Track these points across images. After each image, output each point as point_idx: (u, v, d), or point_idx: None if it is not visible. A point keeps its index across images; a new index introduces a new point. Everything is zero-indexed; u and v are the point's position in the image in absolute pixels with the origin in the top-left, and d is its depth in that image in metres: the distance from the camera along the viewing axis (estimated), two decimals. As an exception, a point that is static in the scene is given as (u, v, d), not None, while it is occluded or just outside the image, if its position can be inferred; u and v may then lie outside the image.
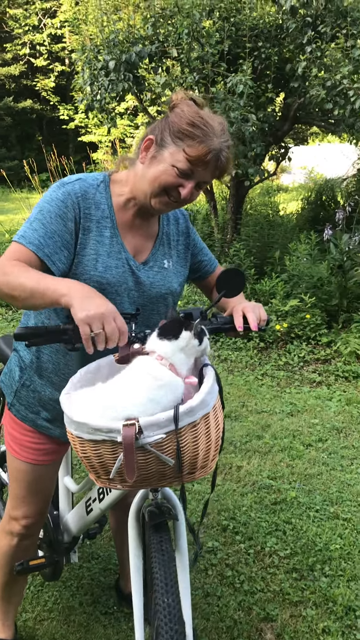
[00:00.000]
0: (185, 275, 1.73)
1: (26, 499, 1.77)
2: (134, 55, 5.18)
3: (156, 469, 1.30)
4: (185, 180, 1.48)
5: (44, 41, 18.86)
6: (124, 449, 1.22)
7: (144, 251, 1.64)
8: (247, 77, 4.72)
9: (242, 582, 2.30)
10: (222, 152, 1.46)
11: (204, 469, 1.38)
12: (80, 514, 1.90)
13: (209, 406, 1.32)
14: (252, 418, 3.70)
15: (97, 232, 1.55)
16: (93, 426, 1.27)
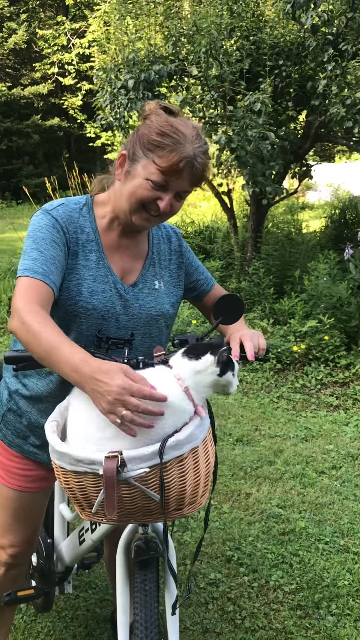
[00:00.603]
0: (178, 296, 1.66)
1: (12, 527, 1.70)
2: (153, 74, 5.19)
3: (141, 504, 1.24)
4: (161, 192, 1.42)
5: (72, 60, 19.18)
6: (105, 482, 1.17)
7: (133, 272, 1.58)
8: (265, 95, 4.68)
9: (244, 618, 2.20)
10: (197, 159, 1.40)
11: (193, 505, 1.31)
12: (74, 543, 1.84)
13: (198, 439, 1.27)
14: (264, 442, 3.60)
15: (83, 256, 1.51)
16: (74, 457, 1.22)
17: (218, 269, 6.57)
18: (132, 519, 1.29)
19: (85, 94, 19.62)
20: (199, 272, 1.74)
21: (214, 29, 4.81)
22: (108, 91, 5.63)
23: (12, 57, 19.40)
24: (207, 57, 4.80)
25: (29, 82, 19.35)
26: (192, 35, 5.23)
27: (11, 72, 19.55)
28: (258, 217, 6.49)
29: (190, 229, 8.52)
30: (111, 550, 1.98)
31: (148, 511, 1.26)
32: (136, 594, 1.40)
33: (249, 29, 5.39)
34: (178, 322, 5.34)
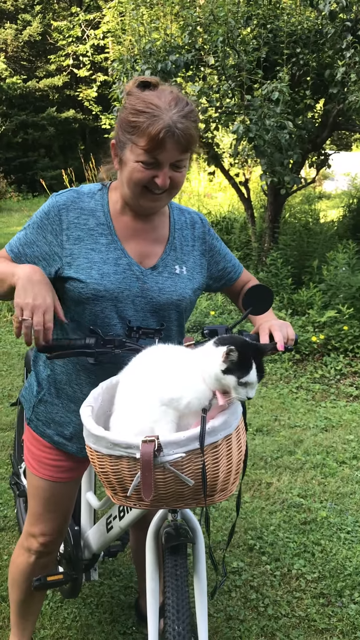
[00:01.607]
0: (200, 283, 1.66)
1: (43, 516, 1.74)
2: (169, 64, 5.17)
3: (174, 489, 1.27)
4: (155, 170, 1.42)
5: (87, 52, 19.13)
6: (142, 466, 1.20)
7: (152, 256, 1.59)
8: (282, 84, 4.64)
9: (267, 606, 2.22)
10: (177, 125, 1.37)
11: (224, 492, 1.34)
12: (101, 531, 1.86)
13: (232, 427, 1.29)
14: (284, 433, 3.60)
15: (90, 240, 1.52)
16: (112, 441, 1.25)
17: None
18: (164, 504, 1.31)
19: (100, 86, 19.57)
20: (227, 259, 1.74)
21: (231, 17, 4.77)
22: (125, 82, 5.62)
23: (27, 49, 19.39)
24: (224, 46, 4.76)
25: (44, 75, 19.32)
26: (209, 24, 5.20)
27: (26, 64, 19.55)
28: (275, 207, 6.45)
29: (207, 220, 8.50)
30: (138, 538, 2.00)
31: (180, 496, 1.28)
32: (167, 579, 1.41)
33: (265, 16, 5.34)
34: (196, 313, 5.34)
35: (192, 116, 1.42)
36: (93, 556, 1.99)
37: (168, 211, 1.64)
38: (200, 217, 1.71)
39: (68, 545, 1.99)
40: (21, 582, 1.84)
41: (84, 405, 1.37)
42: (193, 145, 1.43)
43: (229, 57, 4.83)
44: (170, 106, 1.38)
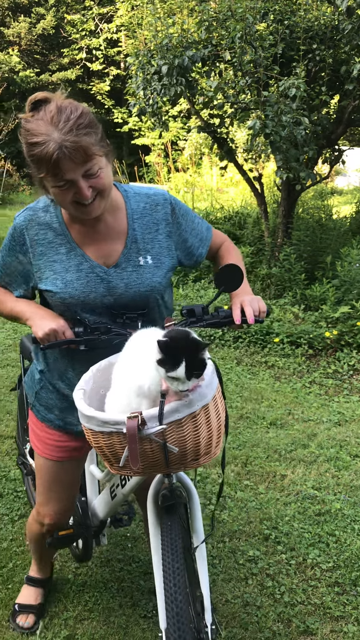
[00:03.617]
0: (170, 265, 1.69)
1: (51, 496, 1.87)
2: (186, 59, 5.19)
3: (162, 457, 1.39)
4: (72, 187, 1.46)
5: (100, 46, 19.15)
6: (128, 439, 1.32)
7: (113, 254, 1.63)
8: (299, 80, 4.66)
9: (283, 594, 2.27)
10: (65, 145, 1.38)
11: (208, 455, 1.46)
12: (106, 499, 2.01)
13: (208, 397, 1.39)
14: (298, 426, 3.65)
15: (51, 252, 1.61)
16: (101, 419, 1.38)
17: (248, 254, 6.59)
18: (155, 470, 1.45)
19: (112, 79, 19.59)
20: (194, 234, 1.74)
21: (249, 13, 4.79)
22: (141, 77, 5.65)
23: (40, 42, 19.43)
24: (241, 42, 4.78)
25: (57, 68, 19.36)
26: (225, 20, 5.22)
27: (39, 57, 19.59)
28: (289, 202, 6.47)
29: (219, 215, 8.53)
30: (143, 504, 2.10)
31: (171, 463, 1.40)
32: (163, 536, 1.53)
33: (282, 12, 5.34)
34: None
35: (80, 123, 1.41)
36: (101, 523, 2.14)
37: (123, 204, 1.66)
38: (163, 197, 1.70)
39: (77, 514, 2.12)
40: (36, 542, 2.06)
41: (76, 389, 1.50)
42: (91, 151, 1.43)
43: (246, 53, 4.85)
44: (55, 124, 1.40)
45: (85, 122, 1.42)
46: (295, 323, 5.10)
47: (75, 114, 1.41)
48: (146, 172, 14.26)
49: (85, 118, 1.43)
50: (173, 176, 12.93)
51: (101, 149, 1.47)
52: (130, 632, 2.08)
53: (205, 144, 13.51)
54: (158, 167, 13.59)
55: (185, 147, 14.87)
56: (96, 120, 1.48)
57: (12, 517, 2.71)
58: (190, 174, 14.46)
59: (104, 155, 1.49)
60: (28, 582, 2.19)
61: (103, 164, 1.48)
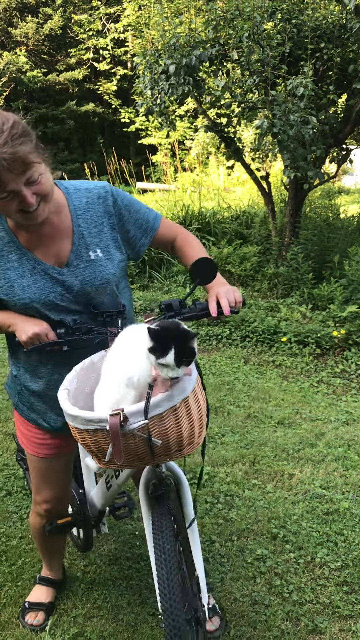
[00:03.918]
0: (120, 256, 1.72)
1: (42, 486, 1.94)
2: (194, 59, 5.20)
3: (147, 450, 1.43)
4: (15, 197, 1.47)
5: (107, 45, 19.17)
6: (111, 435, 1.36)
7: (63, 253, 1.65)
8: (307, 79, 4.66)
9: (291, 592, 2.27)
10: (3, 155, 1.39)
11: (192, 445, 1.51)
12: (102, 490, 2.07)
13: (187, 390, 1.44)
14: (305, 426, 3.65)
15: (3, 260, 1.62)
16: (85, 418, 1.42)
17: (255, 254, 6.58)
18: (142, 463, 1.49)
19: (119, 79, 19.61)
20: (137, 225, 1.75)
21: (257, 12, 4.79)
22: (148, 77, 5.66)
23: (47, 43, 19.46)
24: (249, 41, 4.78)
25: (64, 68, 19.39)
26: (232, 19, 5.22)
27: (47, 58, 19.63)
28: (296, 201, 6.46)
29: (226, 214, 8.52)
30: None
31: (154, 454, 1.45)
32: (154, 523, 1.59)
33: (290, 11, 5.33)
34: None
35: (14, 134, 1.42)
36: (99, 513, 2.19)
37: (65, 201, 1.68)
38: (104, 189, 1.72)
39: (75, 505, 2.17)
40: (38, 535, 2.12)
41: (60, 389, 1.54)
42: (29, 159, 1.44)
43: (254, 52, 4.84)
44: None
45: (19, 132, 1.43)
46: (302, 322, 5.09)
47: (8, 125, 1.43)
48: (153, 172, 14.27)
49: (17, 128, 1.44)
50: (180, 176, 12.93)
51: (38, 156, 1.48)
52: (139, 629, 2.08)
53: (212, 143, 13.51)
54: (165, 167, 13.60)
55: (192, 146, 14.87)
56: (28, 128, 1.50)
57: (20, 515, 2.72)
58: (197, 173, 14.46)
59: (42, 160, 1.51)
60: (40, 582, 2.21)
61: (42, 169, 1.50)
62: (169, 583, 1.48)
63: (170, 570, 1.49)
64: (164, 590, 1.48)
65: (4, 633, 2.06)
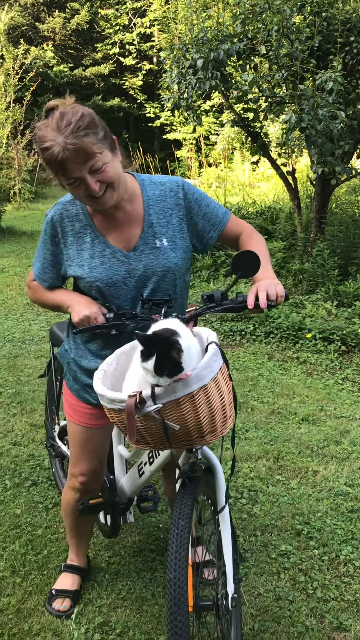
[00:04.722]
0: (185, 247, 1.82)
1: (81, 457, 2.01)
2: (222, 53, 5.17)
3: (170, 433, 1.48)
4: (82, 184, 1.61)
5: (134, 40, 19.18)
6: (126, 415, 1.44)
7: (132, 238, 1.77)
8: (336, 73, 4.60)
9: (315, 589, 2.27)
10: (67, 147, 1.55)
11: (214, 434, 1.54)
12: (134, 477, 2.11)
13: (206, 379, 1.47)
14: (330, 423, 3.62)
15: (78, 242, 1.77)
16: (109, 397, 1.50)
17: (280, 249, 6.54)
18: (166, 446, 1.55)
19: (145, 74, 19.61)
20: (206, 219, 1.84)
21: (287, 5, 4.74)
22: (175, 71, 5.65)
23: (74, 37, 19.55)
24: (278, 35, 4.74)
25: (91, 63, 19.47)
26: (261, 12, 5.18)
27: (73, 52, 19.72)
28: (323, 197, 6.40)
29: (251, 210, 8.48)
30: (172, 490, 2.19)
31: (175, 438, 1.51)
32: (174, 507, 1.64)
33: (319, 4, 5.28)
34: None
35: (80, 126, 1.56)
36: (128, 500, 2.23)
37: (140, 192, 1.81)
38: (177, 183, 1.83)
39: (105, 491, 2.20)
40: (70, 513, 2.17)
41: (98, 370, 1.63)
42: (92, 149, 1.58)
43: (283, 46, 4.80)
44: (59, 129, 1.56)
45: (84, 124, 1.57)
46: (327, 319, 5.05)
47: (75, 117, 1.57)
48: (178, 167, 14.25)
49: (84, 120, 1.58)
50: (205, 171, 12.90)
51: (102, 146, 1.61)
52: (164, 621, 2.10)
53: (237, 138, 13.44)
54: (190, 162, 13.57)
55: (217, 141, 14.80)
56: (96, 119, 1.63)
57: (46, 505, 2.76)
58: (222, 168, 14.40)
59: (108, 150, 1.64)
60: (66, 569, 2.25)
61: (107, 158, 1.63)
62: (177, 556, 1.54)
63: (180, 544, 1.55)
64: (171, 562, 1.54)
65: (30, 620, 2.09)
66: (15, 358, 4.66)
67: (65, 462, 2.80)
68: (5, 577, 2.29)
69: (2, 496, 2.81)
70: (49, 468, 3.04)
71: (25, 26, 18.37)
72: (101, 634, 2.03)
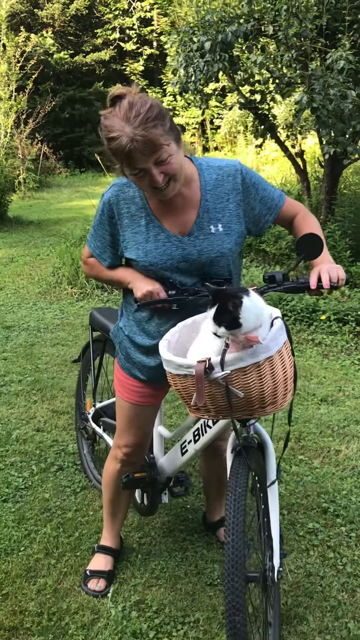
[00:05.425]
0: (240, 232, 1.82)
1: (126, 431, 2.10)
2: (230, 35, 5.13)
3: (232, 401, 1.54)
4: (147, 175, 1.61)
5: (134, 25, 19.00)
6: (196, 378, 1.50)
7: (188, 223, 1.78)
8: (348, 52, 4.56)
9: (345, 565, 2.30)
10: (136, 138, 1.55)
11: (274, 405, 1.60)
12: (176, 455, 2.16)
13: (272, 351, 1.53)
14: (349, 403, 3.64)
15: (133, 225, 1.79)
16: (177, 363, 1.58)
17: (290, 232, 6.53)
18: (224, 415, 1.60)
19: (146, 59, 19.45)
20: (263, 202, 1.84)
21: (296, -16, 4.69)
22: (182, 55, 5.61)
23: (73, 24, 19.36)
24: (288, 14, 4.69)
25: (91, 49, 19.29)
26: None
27: (73, 39, 19.53)
28: (332, 178, 6.38)
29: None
30: (209, 464, 2.37)
31: (237, 407, 1.57)
32: (231, 469, 1.70)
33: (327, -18, 5.22)
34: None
35: (149, 117, 1.56)
36: (166, 480, 2.28)
37: (197, 176, 1.80)
38: (235, 168, 1.82)
39: (147, 468, 2.27)
40: (111, 484, 2.22)
41: (162, 340, 1.70)
42: (159, 141, 1.58)
43: (292, 25, 4.76)
44: (127, 120, 1.56)
45: (153, 115, 1.56)
46: (341, 300, 5.05)
47: (144, 108, 1.56)
48: (181, 152, 14.19)
49: (153, 111, 1.57)
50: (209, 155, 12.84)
51: (169, 138, 1.61)
52: (198, 598, 2.14)
53: (241, 121, 13.36)
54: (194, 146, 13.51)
55: (222, 125, 14.72)
56: (164, 110, 1.62)
57: (74, 489, 2.79)
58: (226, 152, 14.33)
59: (174, 142, 1.64)
60: (99, 550, 2.28)
61: (173, 150, 1.63)
62: (235, 521, 1.58)
63: (237, 511, 1.58)
64: (229, 526, 1.58)
65: (67, 599, 2.13)
66: (31, 347, 4.68)
67: (95, 446, 2.89)
68: (40, 559, 2.33)
69: (30, 481, 2.85)
70: (74, 453, 3.08)
71: (24, 13, 18.20)
72: (138, 612, 2.07)
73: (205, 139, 15.58)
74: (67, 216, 10.72)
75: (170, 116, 1.65)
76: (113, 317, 2.47)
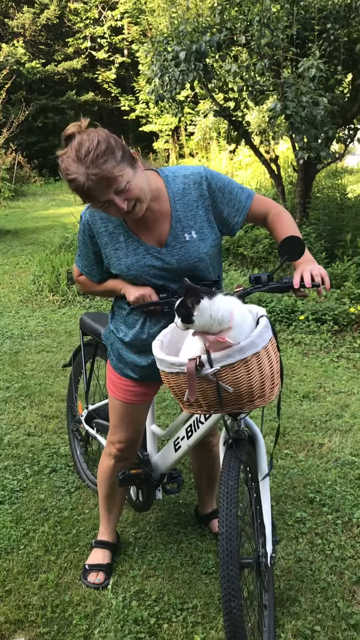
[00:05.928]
0: (213, 235, 1.90)
1: (119, 427, 2.18)
2: (203, 44, 5.26)
3: (221, 396, 1.63)
4: (111, 204, 1.71)
5: (105, 34, 19.11)
6: (187, 375, 1.60)
7: (163, 235, 1.86)
8: (319, 60, 4.73)
9: (332, 550, 2.41)
10: (89, 177, 1.63)
11: (262, 399, 1.69)
12: (169, 452, 2.26)
13: (259, 347, 1.62)
14: (330, 398, 3.78)
15: (112, 242, 1.87)
16: (170, 361, 1.67)
17: (267, 236, 6.68)
18: (217, 410, 1.69)
19: (118, 67, 19.55)
20: (230, 205, 1.90)
21: (266, -4, 4.85)
22: (157, 64, 5.72)
23: (44, 33, 19.39)
24: (260, 25, 4.84)
25: (63, 58, 19.33)
26: (240, 2, 5.27)
27: (44, 48, 19.56)
28: (306, 182, 6.54)
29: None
30: (200, 458, 2.48)
31: (227, 401, 1.65)
32: (223, 462, 1.80)
33: (296, -7, 5.39)
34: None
35: (98, 154, 1.62)
36: (160, 476, 2.37)
37: (165, 188, 1.86)
38: (200, 175, 1.88)
39: (140, 465, 2.35)
40: (105, 480, 2.30)
41: (155, 340, 1.79)
42: (113, 174, 1.65)
43: (264, 35, 4.91)
44: (80, 159, 1.63)
45: (101, 151, 1.63)
46: (319, 301, 5.20)
47: (92, 145, 1.63)
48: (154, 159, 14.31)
49: (100, 147, 1.63)
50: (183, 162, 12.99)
51: (122, 167, 1.67)
52: (195, 586, 2.23)
53: (214, 128, 13.53)
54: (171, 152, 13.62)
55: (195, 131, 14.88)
56: (112, 142, 1.67)
57: (68, 489, 2.86)
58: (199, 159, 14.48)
59: (129, 167, 1.70)
60: (97, 545, 2.36)
61: (129, 176, 1.69)
62: (228, 512, 1.68)
63: (230, 502, 1.68)
64: (222, 517, 1.67)
65: (69, 593, 2.21)
66: (16, 354, 4.73)
67: (88, 447, 2.98)
68: (40, 556, 2.40)
69: (25, 483, 2.92)
70: (66, 455, 3.15)
71: (-6, 23, 18.21)
72: (138, 601, 2.16)
73: (180, 145, 15.72)
74: (45, 224, 10.75)
75: (121, 143, 1.71)
76: (103, 321, 2.57)
